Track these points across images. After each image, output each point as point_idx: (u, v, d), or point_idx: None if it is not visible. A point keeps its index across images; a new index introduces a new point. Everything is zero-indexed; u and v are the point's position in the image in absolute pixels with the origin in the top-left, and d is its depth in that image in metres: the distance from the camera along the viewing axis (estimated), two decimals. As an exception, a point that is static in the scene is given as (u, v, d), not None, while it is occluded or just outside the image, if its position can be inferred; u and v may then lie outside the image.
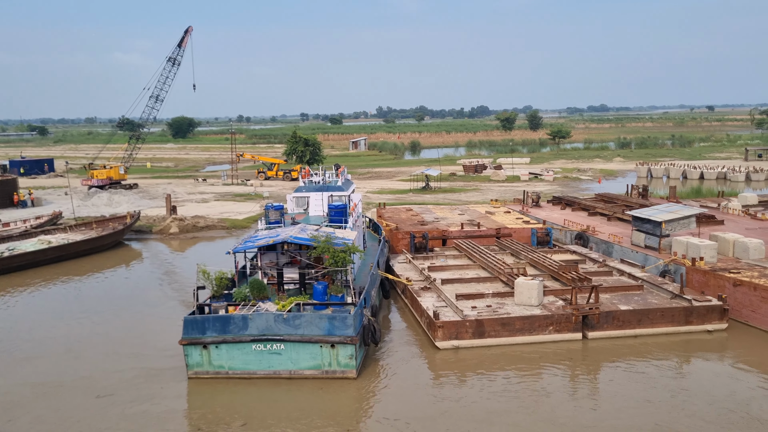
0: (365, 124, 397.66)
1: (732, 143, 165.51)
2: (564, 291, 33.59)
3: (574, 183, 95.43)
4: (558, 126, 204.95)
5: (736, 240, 38.50)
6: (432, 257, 43.50)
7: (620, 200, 60.00)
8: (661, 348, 29.52)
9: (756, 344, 29.82)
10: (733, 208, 55.24)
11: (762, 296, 31.26)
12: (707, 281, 34.48)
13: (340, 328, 26.44)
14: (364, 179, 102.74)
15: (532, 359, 28.45)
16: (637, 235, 42.81)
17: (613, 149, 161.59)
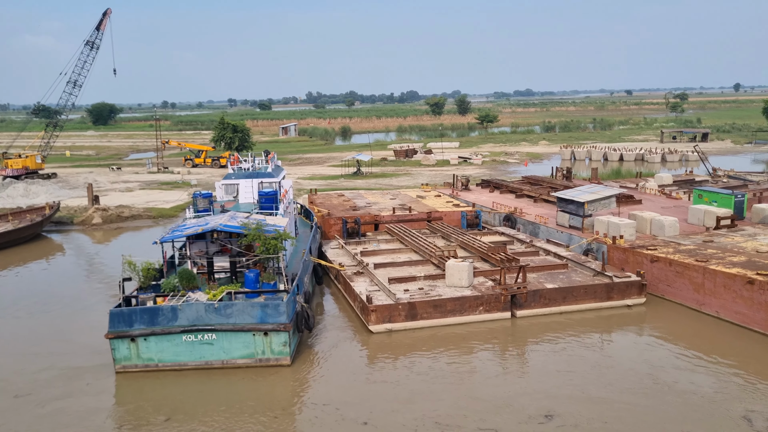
0: (295, 110, 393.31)
1: (649, 126, 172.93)
2: (493, 272, 34.45)
3: (501, 166, 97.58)
4: (486, 110, 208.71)
5: (653, 218, 40.40)
6: (364, 242, 43.69)
7: (546, 182, 61.79)
8: (584, 323, 30.79)
9: (671, 317, 31.51)
10: (650, 188, 57.87)
11: (676, 271, 33.00)
12: (627, 258, 36.09)
13: (273, 316, 26.27)
14: (294, 165, 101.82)
15: (463, 339, 29.12)
16: (561, 216, 44.27)
17: (538, 133, 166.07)
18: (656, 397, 23.14)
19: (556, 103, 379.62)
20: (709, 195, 45.63)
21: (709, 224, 40.99)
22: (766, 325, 28.36)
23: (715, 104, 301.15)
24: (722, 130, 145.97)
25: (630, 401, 22.88)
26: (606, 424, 21.23)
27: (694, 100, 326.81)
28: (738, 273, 29.98)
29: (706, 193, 46.06)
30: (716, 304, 30.82)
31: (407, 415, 22.18)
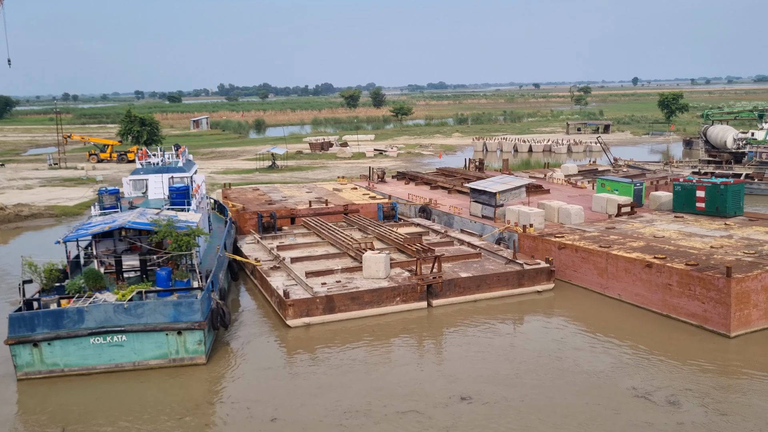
0: (206, 102, 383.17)
1: (555, 118, 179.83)
2: (409, 262, 34.94)
3: (416, 158, 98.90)
4: (400, 103, 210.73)
5: (560, 207, 42.12)
6: (281, 236, 43.24)
7: (459, 174, 63.15)
8: (497, 310, 31.80)
9: (577, 300, 33.03)
10: (557, 177, 60.27)
11: (582, 257, 34.59)
12: (536, 246, 37.48)
13: (186, 314, 25.60)
14: (207, 159, 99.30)
15: (380, 330, 29.42)
16: (474, 206, 45.41)
17: (451, 125, 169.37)
18: (562, 376, 24.24)
19: (469, 96, 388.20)
20: (610, 184, 48.00)
21: (611, 212, 43.15)
22: (662, 306, 30.22)
23: (616, 97, 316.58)
24: (622, 122, 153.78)
25: (538, 381, 23.88)
26: (517, 402, 22.06)
27: (597, 94, 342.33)
28: (637, 257, 31.75)
29: (608, 182, 48.43)
30: (618, 287, 32.55)
31: (316, 408, 22.23)
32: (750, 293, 27.67)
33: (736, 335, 27.32)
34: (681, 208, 42.42)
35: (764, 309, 28.15)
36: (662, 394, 22.56)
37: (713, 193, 40.77)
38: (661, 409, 21.51)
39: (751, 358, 25.59)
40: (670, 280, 29.75)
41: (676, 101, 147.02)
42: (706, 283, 28.18)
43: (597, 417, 21.21)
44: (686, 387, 23.07)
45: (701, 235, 36.16)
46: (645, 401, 22.10)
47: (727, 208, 40.32)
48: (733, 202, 40.55)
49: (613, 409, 21.68)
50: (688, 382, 23.46)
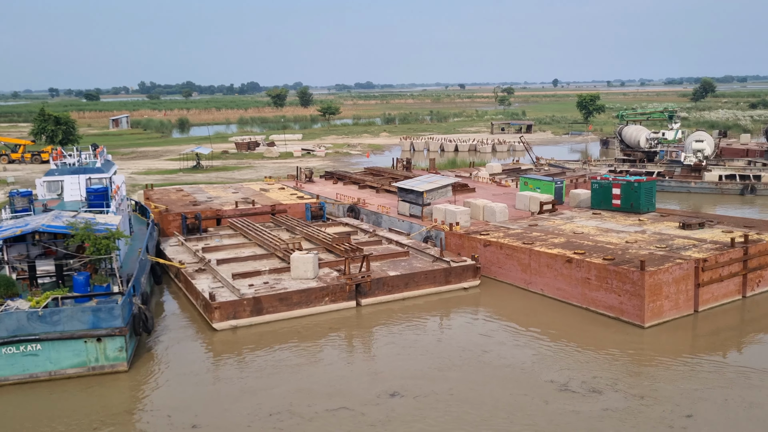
0: (127, 101, 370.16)
1: (480, 118, 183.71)
2: (338, 262, 34.90)
3: (344, 158, 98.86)
4: (328, 102, 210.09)
5: (485, 205, 43.07)
6: (206, 238, 42.30)
7: (387, 173, 63.55)
8: (425, 307, 32.22)
9: (502, 296, 33.89)
10: (482, 176, 61.60)
11: (506, 254, 35.50)
12: (463, 244, 38.19)
13: (106, 320, 24.68)
14: (128, 160, 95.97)
15: (309, 331, 29.27)
16: (402, 205, 45.83)
17: (379, 125, 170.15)
18: (487, 369, 24.85)
19: (396, 96, 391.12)
20: (533, 182, 49.47)
21: (533, 209, 44.48)
22: (581, 299, 31.42)
23: (537, 98, 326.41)
24: (544, 122, 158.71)
25: (464, 374, 24.42)
26: (446, 396, 22.45)
27: (520, 94, 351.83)
28: (558, 253, 32.87)
29: (530, 181, 49.89)
30: (541, 282, 33.60)
31: (240, 412, 21.93)
32: (662, 285, 29.14)
33: (649, 325, 28.72)
34: (599, 205, 44.19)
35: (675, 300, 29.71)
36: (584, 383, 23.46)
37: (628, 191, 42.67)
38: (584, 397, 22.37)
39: (663, 346, 26.98)
40: (588, 274, 30.96)
41: (594, 102, 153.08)
42: (621, 277, 29.48)
43: (526, 407, 21.87)
44: (605, 375, 24.09)
45: (617, 230, 37.78)
46: (568, 390, 22.93)
47: (641, 204, 42.29)
48: (646, 199, 42.56)
49: (540, 398, 22.38)
50: (606, 371, 24.50)
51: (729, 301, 31.72)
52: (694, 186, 63.74)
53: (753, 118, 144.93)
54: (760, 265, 32.90)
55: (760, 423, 20.55)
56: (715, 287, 31.14)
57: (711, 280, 30.80)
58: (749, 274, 32.40)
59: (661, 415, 21.29)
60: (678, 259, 30.59)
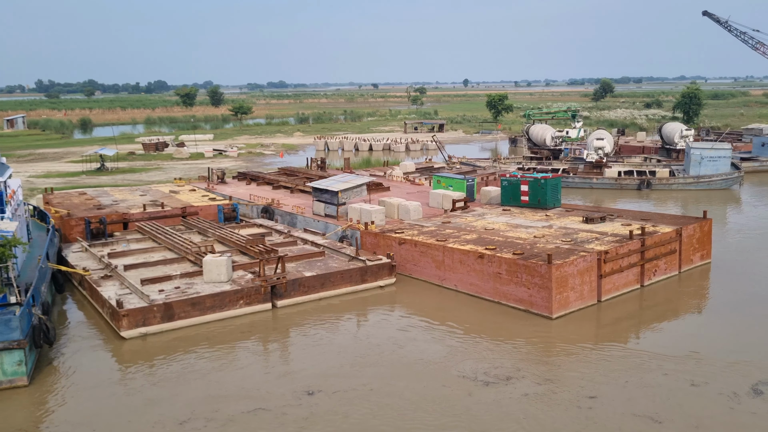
0: (22, 100, 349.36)
1: (394, 117, 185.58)
2: (252, 264, 34.35)
3: (258, 158, 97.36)
4: (240, 102, 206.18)
5: (400, 203, 43.56)
6: (112, 243, 40.56)
7: (301, 173, 63.10)
8: (342, 307, 32.24)
9: (417, 293, 34.38)
10: (396, 175, 62.23)
11: (421, 251, 36.05)
12: (378, 242, 38.47)
13: (3, 333, 23.21)
14: (24, 162, 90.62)
15: (223, 335, 28.66)
16: (317, 205, 45.63)
17: (293, 124, 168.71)
18: (404, 364, 25.14)
19: (309, 95, 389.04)
20: (445, 180, 50.47)
21: (446, 207, 45.38)
22: (494, 293, 32.36)
23: (449, 98, 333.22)
24: (455, 121, 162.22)
25: (383, 370, 24.62)
26: (365, 391, 22.55)
27: (432, 94, 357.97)
28: (471, 249, 33.70)
29: (443, 179, 50.88)
30: (455, 278, 34.34)
31: (145, 423, 21.17)
32: (568, 278, 30.44)
33: (557, 316, 29.94)
34: (508, 201, 45.62)
35: (579, 291, 31.12)
36: (497, 373, 24.18)
37: (535, 187, 44.29)
38: (497, 386, 23.06)
39: (569, 335, 28.20)
40: (499, 269, 31.91)
41: (502, 102, 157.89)
42: (530, 271, 30.58)
43: (442, 399, 22.30)
44: (517, 365, 24.91)
45: (526, 226, 39.15)
46: (482, 381, 23.57)
47: (547, 200, 44.00)
48: (552, 195, 44.32)
49: (455, 389, 22.86)
50: (518, 361, 25.35)
51: (629, 291, 33.53)
52: (596, 182, 66.95)
53: (648, 117, 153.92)
54: (656, 255, 34.97)
55: (655, 401, 22.03)
56: (616, 278, 32.84)
57: (612, 271, 32.46)
58: (646, 264, 34.38)
59: (568, 397, 22.37)
60: (582, 252, 32.05)
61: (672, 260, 36.13)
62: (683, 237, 36.64)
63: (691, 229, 37.26)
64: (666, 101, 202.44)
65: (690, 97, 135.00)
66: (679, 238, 36.41)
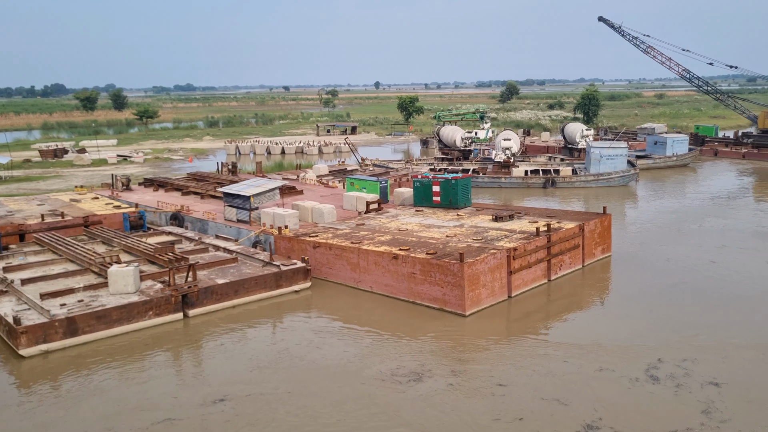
0: None
1: (306, 120, 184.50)
2: (162, 273, 33.23)
3: (165, 163, 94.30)
4: (145, 105, 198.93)
5: (314, 207, 43.36)
6: (7, 256, 38.13)
7: (212, 178, 61.63)
8: (257, 313, 31.75)
9: (333, 296, 34.33)
10: (309, 178, 61.92)
11: (336, 254, 36.02)
12: (292, 246, 38.14)
13: None
14: None
15: (132, 348, 27.56)
16: (229, 211, 44.72)
17: (202, 128, 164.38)
18: (319, 366, 25.06)
19: (219, 98, 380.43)
20: (359, 182, 50.68)
21: (360, 209, 45.57)
22: (408, 293, 32.78)
23: (361, 100, 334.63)
24: (367, 124, 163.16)
25: (294, 374, 24.45)
26: (282, 394, 22.31)
27: (344, 97, 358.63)
28: (385, 250, 33.99)
29: (356, 181, 51.06)
30: (370, 280, 34.53)
31: None
32: (479, 275, 31.28)
33: (470, 313, 30.70)
34: (421, 202, 46.35)
35: (491, 288, 32.04)
36: (413, 370, 24.51)
37: (446, 188, 45.23)
38: (414, 383, 23.38)
39: (482, 331, 28.99)
40: (413, 269, 32.37)
41: (413, 104, 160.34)
42: (443, 269, 31.19)
43: (367, 396, 22.41)
44: (432, 361, 25.36)
45: (438, 225, 39.91)
46: (402, 378, 23.84)
47: (458, 200, 45.03)
48: (462, 194, 45.39)
49: (371, 388, 22.98)
50: (434, 357, 25.82)
51: (537, 285, 34.84)
52: (504, 181, 69.14)
53: (551, 117, 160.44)
54: (561, 250, 36.51)
55: (561, 386, 23.29)
56: (525, 273, 34.04)
57: (521, 267, 33.62)
58: (552, 259, 35.83)
59: (479, 386, 23.34)
60: (492, 250, 33.01)
61: (576, 255, 37.83)
62: (585, 232, 38.45)
63: (592, 224, 39.15)
64: (567, 102, 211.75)
65: (589, 99, 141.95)
66: (581, 234, 38.18)
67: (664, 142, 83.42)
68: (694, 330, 28.38)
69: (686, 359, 25.30)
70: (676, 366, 24.70)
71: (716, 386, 23.09)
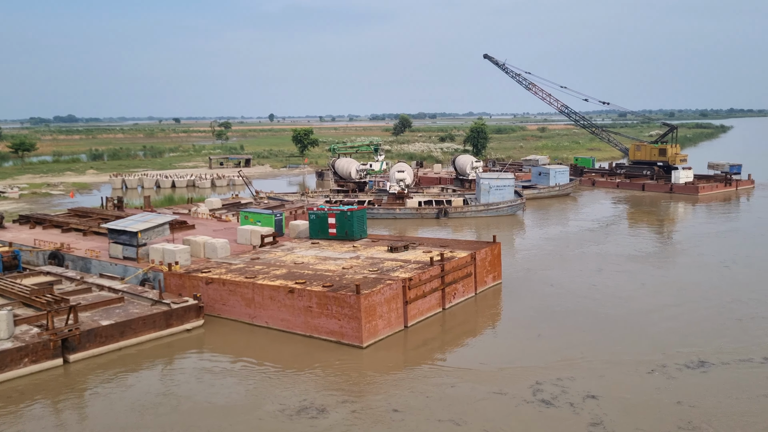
0: None
1: (198, 153, 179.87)
2: (39, 317, 30.99)
3: (44, 199, 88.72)
4: (21, 137, 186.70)
5: (206, 242, 42.14)
6: None
7: (96, 214, 58.53)
8: (145, 355, 30.22)
9: (227, 333, 33.33)
10: (201, 212, 60.22)
11: (230, 290, 35.09)
12: (183, 283, 36.78)
13: None
14: None
15: (7, 399, 25.41)
16: (114, 248, 42.58)
17: (85, 161, 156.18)
18: (212, 408, 24.18)
19: (103, 130, 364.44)
20: (253, 216, 49.88)
21: (255, 243, 44.77)
22: (305, 327, 32.39)
23: (255, 132, 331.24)
24: (262, 156, 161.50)
25: (185, 419, 23.48)
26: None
27: (237, 129, 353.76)
28: (281, 284, 33.50)
29: (251, 215, 50.23)
30: (265, 315, 33.85)
31: None
32: (376, 306, 31.45)
33: (367, 345, 30.72)
34: (317, 234, 46.22)
35: (387, 319, 32.28)
36: (313, 402, 24.17)
37: (342, 220, 45.42)
38: (317, 415, 23.04)
39: (379, 362, 29.11)
40: (310, 302, 32.08)
41: (308, 136, 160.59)
42: (340, 302, 31.13)
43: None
44: (330, 394, 25.11)
45: (335, 258, 39.89)
46: (299, 412, 23.46)
47: (354, 232, 45.30)
48: (358, 226, 45.73)
49: (276, 424, 22.40)
50: (331, 390, 25.58)
51: (432, 314, 35.48)
52: (399, 212, 70.36)
53: (443, 150, 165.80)
54: (454, 279, 37.47)
55: (452, 409, 24.06)
56: (420, 303, 34.60)
57: (416, 297, 34.15)
58: (446, 288, 36.68)
59: (375, 414, 23.67)
60: (388, 281, 33.35)
61: (468, 283, 38.94)
62: (477, 260, 39.72)
63: (483, 252, 40.52)
64: (458, 135, 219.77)
65: (478, 132, 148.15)
66: (473, 262, 39.40)
67: (548, 173, 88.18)
68: (576, 350, 29.88)
69: (569, 377, 26.67)
70: (560, 385, 25.94)
71: (595, 399, 24.59)
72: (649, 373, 27.25)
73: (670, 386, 25.90)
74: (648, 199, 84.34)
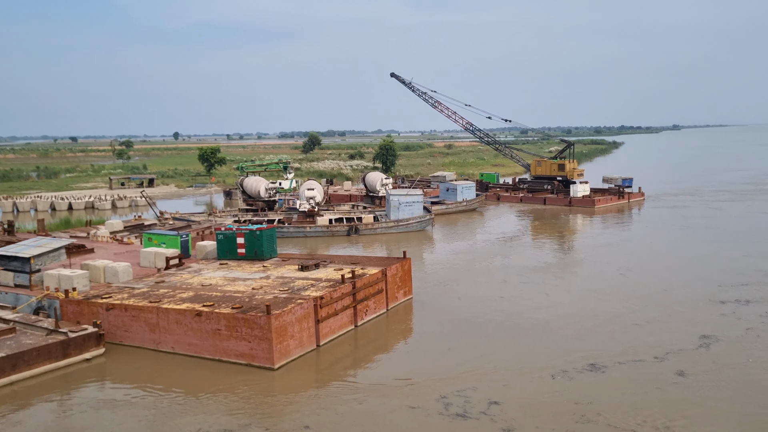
0: None
1: (97, 173, 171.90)
2: None
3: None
4: None
5: (106, 266, 40.23)
6: None
7: (-17, 239, 54.64)
8: (40, 389, 28.43)
9: (130, 361, 31.87)
10: (101, 235, 57.45)
11: (132, 315, 33.61)
12: (82, 310, 34.92)
13: None
14: None
15: None
16: (5, 275, 39.91)
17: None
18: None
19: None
20: (158, 237, 48.15)
21: (159, 265, 43.17)
22: (213, 351, 31.47)
23: (159, 151, 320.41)
24: (167, 176, 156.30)
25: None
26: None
27: (139, 148, 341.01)
28: (188, 308, 32.44)
29: (155, 236, 48.46)
30: (171, 340, 32.63)
31: None
32: (287, 326, 31.03)
33: (279, 366, 30.22)
34: (225, 255, 45.17)
35: (299, 339, 31.91)
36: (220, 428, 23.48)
37: (251, 239, 44.64)
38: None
39: (291, 383, 28.74)
40: (218, 325, 31.23)
41: (215, 155, 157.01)
42: (250, 323, 30.49)
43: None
44: (239, 418, 24.51)
45: (244, 278, 39.09)
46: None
47: (264, 251, 44.61)
48: (268, 245, 45.07)
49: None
50: (240, 414, 24.97)
51: (344, 332, 35.38)
52: (310, 230, 69.95)
53: (353, 167, 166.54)
54: (366, 296, 37.59)
55: (363, 424, 24.32)
56: (332, 321, 34.44)
57: (328, 315, 33.97)
58: (358, 305, 36.72)
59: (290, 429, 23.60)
60: (299, 300, 33.01)
61: (380, 299, 39.16)
62: (388, 277, 40.04)
63: (394, 268, 40.91)
64: (367, 152, 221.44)
65: (386, 149, 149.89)
66: (384, 278, 39.69)
67: (455, 189, 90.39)
68: (485, 360, 30.69)
69: (472, 387, 27.45)
70: (464, 395, 26.59)
71: (498, 405, 25.54)
72: (552, 377, 28.35)
73: (570, 388, 27.18)
74: (549, 212, 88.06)
